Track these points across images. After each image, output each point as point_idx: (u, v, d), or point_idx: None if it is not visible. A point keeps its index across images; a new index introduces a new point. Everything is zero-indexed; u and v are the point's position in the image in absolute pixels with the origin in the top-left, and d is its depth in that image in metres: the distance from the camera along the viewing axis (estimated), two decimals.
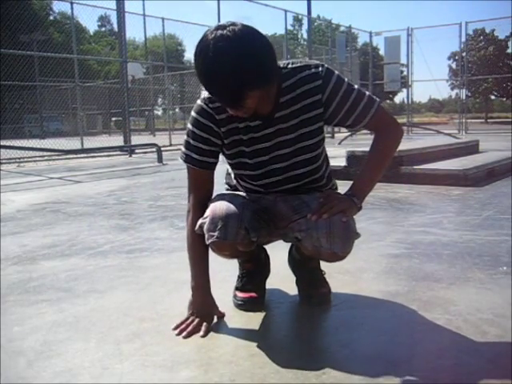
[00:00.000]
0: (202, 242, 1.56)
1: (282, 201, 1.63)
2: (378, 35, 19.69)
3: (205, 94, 1.55)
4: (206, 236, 1.51)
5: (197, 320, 1.56)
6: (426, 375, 1.24)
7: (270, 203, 1.64)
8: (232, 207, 1.51)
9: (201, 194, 1.61)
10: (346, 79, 1.55)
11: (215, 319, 1.62)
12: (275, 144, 1.56)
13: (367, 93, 1.57)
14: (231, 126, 1.55)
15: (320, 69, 1.51)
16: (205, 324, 1.54)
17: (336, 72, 1.53)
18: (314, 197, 1.59)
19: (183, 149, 1.60)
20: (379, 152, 1.61)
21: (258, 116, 1.51)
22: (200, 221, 1.55)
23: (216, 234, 1.48)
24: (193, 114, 1.57)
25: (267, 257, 1.87)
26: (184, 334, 1.51)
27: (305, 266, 1.79)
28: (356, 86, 1.56)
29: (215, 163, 1.61)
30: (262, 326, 1.58)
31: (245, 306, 1.72)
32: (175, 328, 1.54)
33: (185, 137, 1.60)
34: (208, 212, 1.53)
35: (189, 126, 1.58)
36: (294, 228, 1.56)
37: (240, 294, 1.75)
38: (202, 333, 1.51)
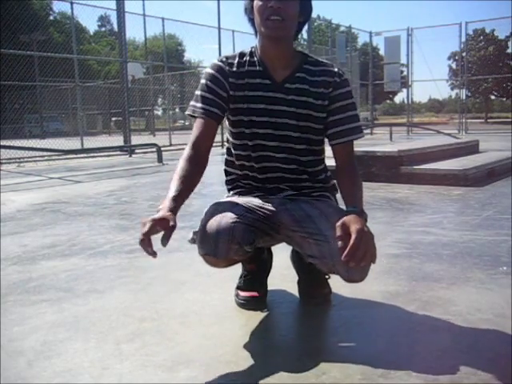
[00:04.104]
0: (189, 168, 1.50)
1: (284, 210, 1.59)
2: (378, 35, 19.67)
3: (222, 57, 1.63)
4: (198, 250, 1.52)
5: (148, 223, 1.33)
6: (426, 375, 1.24)
7: (272, 213, 1.59)
8: (223, 223, 1.47)
9: (199, 142, 1.56)
10: (354, 98, 1.66)
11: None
12: (276, 110, 1.59)
13: (360, 121, 1.68)
14: (241, 82, 1.60)
15: (342, 72, 1.64)
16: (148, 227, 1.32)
17: (350, 86, 1.65)
18: (317, 211, 1.56)
19: (192, 102, 1.62)
20: (358, 184, 1.59)
21: (271, 77, 1.59)
22: (192, 232, 1.56)
23: (206, 250, 1.48)
24: (207, 68, 1.64)
25: (270, 253, 1.86)
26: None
27: (306, 267, 1.79)
28: (356, 109, 1.67)
29: (217, 114, 1.58)
30: (261, 326, 1.58)
31: (247, 305, 1.72)
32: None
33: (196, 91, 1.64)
34: (200, 226, 1.51)
35: (201, 80, 1.63)
36: (303, 248, 1.53)
37: (242, 293, 1.75)
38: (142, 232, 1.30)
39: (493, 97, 42.67)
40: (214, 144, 1.73)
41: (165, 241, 1.33)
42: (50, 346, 1.46)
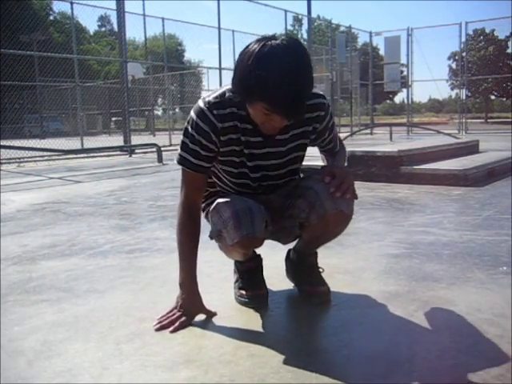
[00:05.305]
0: (192, 240, 1.60)
1: (274, 195, 1.69)
2: (378, 35, 19.67)
3: (209, 97, 1.52)
4: (233, 236, 1.51)
5: (177, 314, 1.59)
6: (425, 375, 1.24)
7: (265, 201, 1.66)
8: (250, 203, 1.55)
9: (193, 196, 1.61)
10: (333, 117, 1.70)
11: (203, 316, 1.63)
12: (271, 165, 1.61)
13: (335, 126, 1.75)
14: (233, 137, 1.54)
15: (325, 100, 1.61)
16: (180, 320, 1.57)
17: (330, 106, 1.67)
18: (298, 181, 1.70)
19: (180, 150, 1.58)
20: (342, 158, 1.83)
21: (260, 133, 1.54)
22: (217, 227, 1.56)
23: (246, 231, 1.49)
24: (193, 116, 1.53)
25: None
26: (157, 326, 1.56)
27: (303, 264, 1.80)
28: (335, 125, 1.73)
29: (210, 167, 1.61)
30: (261, 326, 1.58)
31: (253, 303, 1.73)
32: (158, 322, 1.58)
33: (182, 137, 1.57)
34: (227, 212, 1.52)
35: (188, 127, 1.54)
36: (293, 214, 1.63)
37: (248, 293, 1.75)
38: (171, 328, 1.54)
39: (493, 97, 42.63)
40: None
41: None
42: (50, 346, 1.46)
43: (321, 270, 1.82)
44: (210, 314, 1.64)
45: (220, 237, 1.56)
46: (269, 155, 1.59)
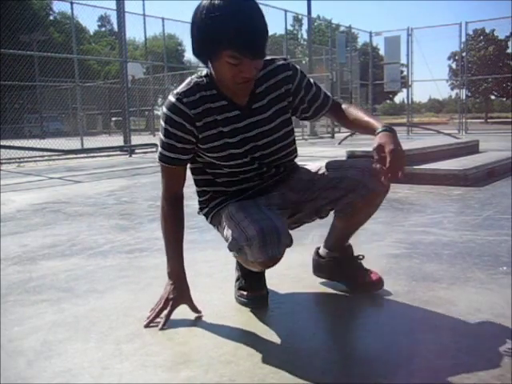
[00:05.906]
0: (177, 229, 1.62)
1: (286, 193, 1.68)
2: (378, 35, 19.67)
3: (177, 89, 1.54)
4: (256, 255, 1.43)
5: (160, 305, 1.60)
6: (425, 375, 1.24)
7: (279, 200, 1.66)
8: (275, 220, 1.48)
9: (174, 187, 1.62)
10: (306, 75, 1.69)
11: (203, 317, 1.62)
12: (256, 135, 1.59)
13: (322, 87, 1.72)
14: (209, 119, 1.54)
15: (288, 61, 1.63)
16: (164, 314, 1.58)
17: (297, 66, 1.66)
18: (310, 174, 1.70)
19: (159, 147, 1.58)
20: (366, 112, 1.68)
21: (236, 106, 1.55)
22: (239, 242, 1.46)
23: (272, 252, 1.43)
24: (165, 110, 1.53)
25: None
26: (145, 322, 1.57)
27: (342, 260, 1.83)
28: (313, 81, 1.69)
29: (188, 159, 1.60)
30: (262, 326, 1.58)
31: (253, 304, 1.73)
32: (147, 317, 1.60)
33: (160, 134, 1.58)
34: (251, 230, 1.43)
35: (162, 123, 1.55)
36: (325, 205, 1.67)
37: (248, 293, 1.75)
38: (159, 326, 1.55)
39: (493, 97, 42.63)
40: None
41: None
42: (50, 346, 1.46)
43: (360, 257, 1.86)
44: (196, 311, 1.63)
45: (241, 251, 1.48)
46: (251, 125, 1.57)
